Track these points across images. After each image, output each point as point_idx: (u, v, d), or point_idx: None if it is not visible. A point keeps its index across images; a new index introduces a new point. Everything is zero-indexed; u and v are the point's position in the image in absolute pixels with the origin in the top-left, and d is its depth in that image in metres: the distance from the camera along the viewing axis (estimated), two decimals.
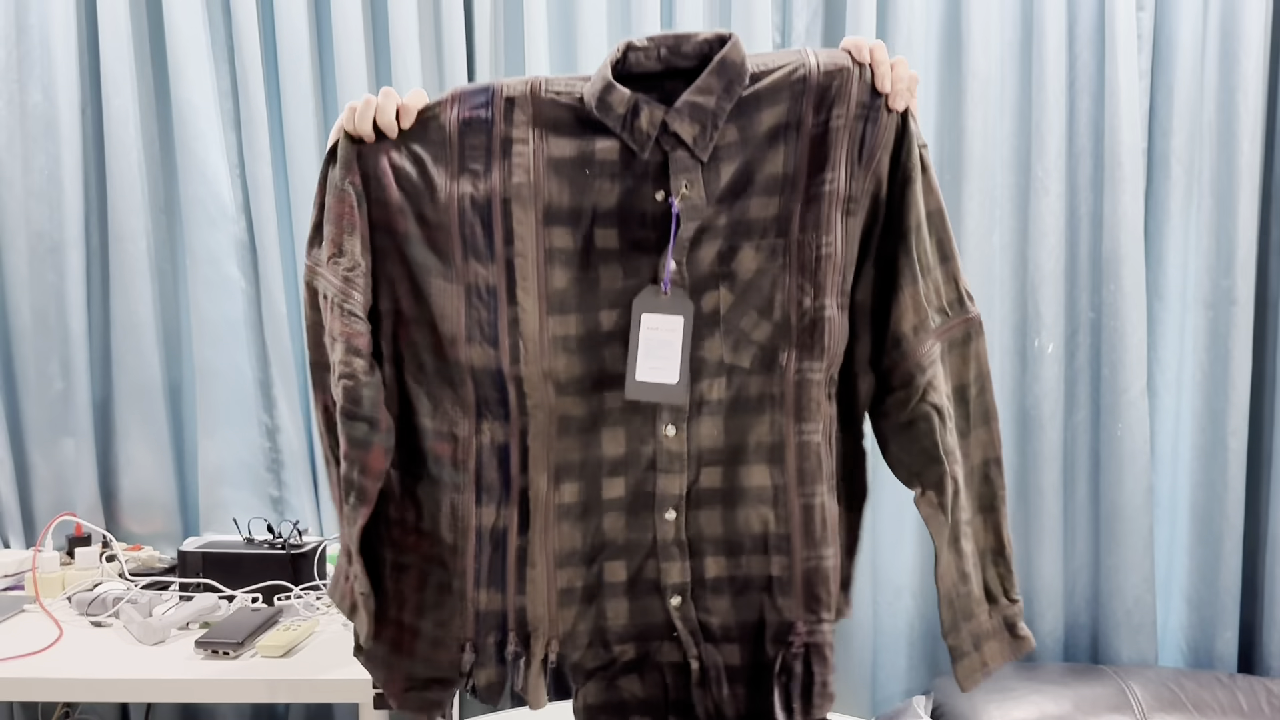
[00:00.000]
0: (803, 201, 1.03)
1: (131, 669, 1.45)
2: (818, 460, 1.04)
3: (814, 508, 1.04)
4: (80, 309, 1.99)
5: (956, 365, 1.10)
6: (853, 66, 1.01)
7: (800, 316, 1.03)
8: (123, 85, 1.95)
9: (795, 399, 1.04)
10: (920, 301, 1.05)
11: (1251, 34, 1.91)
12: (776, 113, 1.02)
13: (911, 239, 1.04)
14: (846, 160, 1.02)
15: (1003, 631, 1.13)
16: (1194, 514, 2.01)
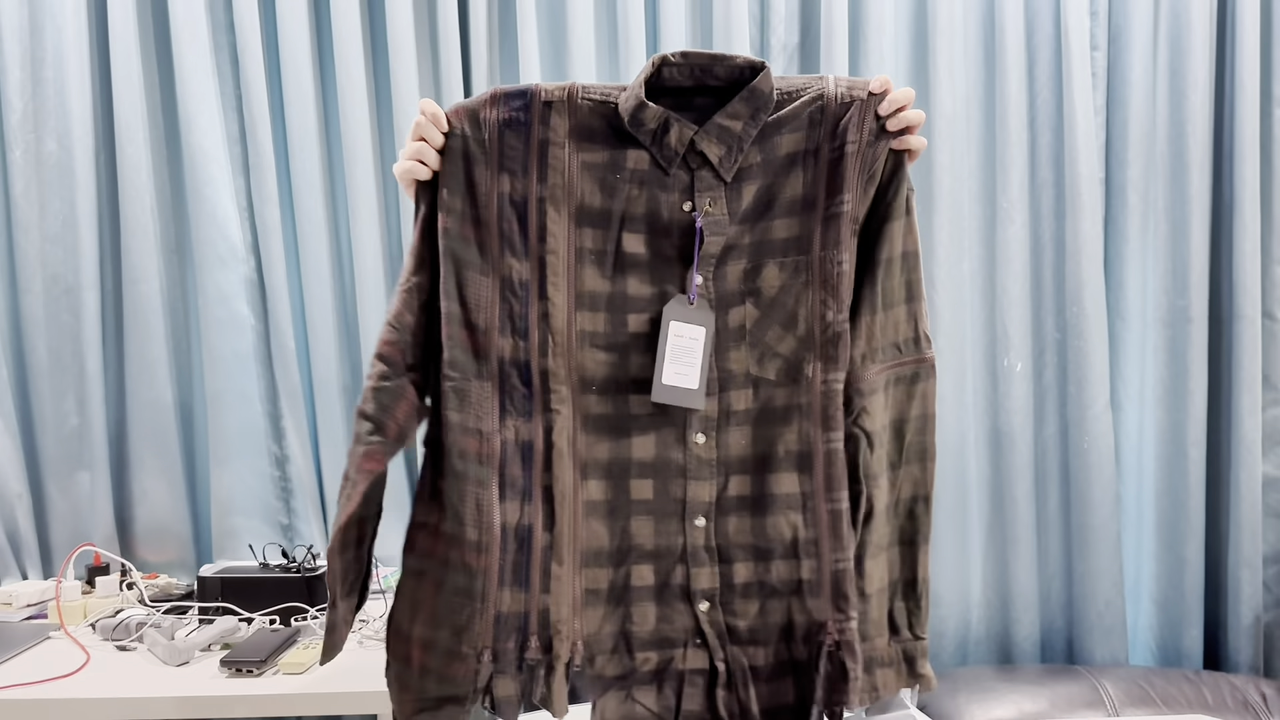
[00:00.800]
0: (822, 221, 1.08)
1: (160, 689, 1.51)
2: (842, 467, 1.08)
3: (840, 512, 1.08)
4: (95, 347, 2.07)
5: (900, 399, 1.12)
6: (868, 98, 1.07)
7: (824, 330, 1.08)
8: (135, 133, 2.03)
9: (822, 408, 1.08)
10: (874, 332, 1.09)
11: (1197, 72, 2.04)
12: (796, 139, 1.08)
13: (879, 272, 1.09)
14: (857, 183, 1.07)
15: (900, 663, 1.13)
16: (1159, 520, 2.12)
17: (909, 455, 1.14)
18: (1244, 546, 2.08)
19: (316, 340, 2.09)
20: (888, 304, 1.10)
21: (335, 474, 2.12)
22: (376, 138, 2.09)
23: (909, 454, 1.14)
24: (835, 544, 1.08)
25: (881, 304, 1.10)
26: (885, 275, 1.09)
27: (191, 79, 2.03)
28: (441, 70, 2.06)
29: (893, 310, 1.10)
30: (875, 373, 1.10)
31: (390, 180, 2.11)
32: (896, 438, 1.13)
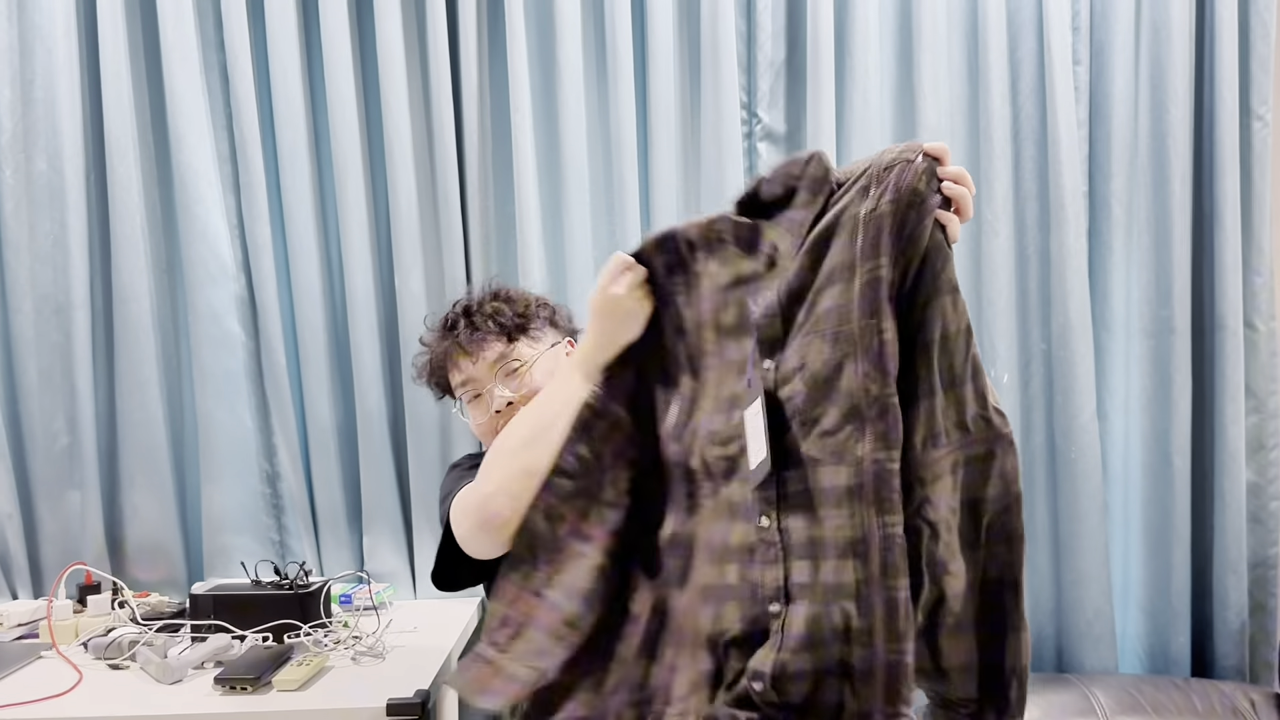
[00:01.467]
0: (860, 287, 1.02)
1: (154, 706, 1.51)
2: (901, 552, 0.99)
3: (897, 601, 0.99)
4: (86, 366, 2.07)
5: (973, 480, 1.04)
6: (915, 158, 1.00)
7: (870, 404, 1.01)
8: (126, 152, 2.04)
9: (875, 490, 1.00)
10: (935, 415, 1.02)
11: (1177, 85, 2.08)
12: (844, 204, 1.05)
13: (934, 351, 1.01)
14: (891, 246, 1.00)
15: None
16: (1145, 528, 2.14)
17: (991, 536, 1.05)
18: (1229, 552, 2.10)
19: (307, 357, 2.10)
20: (948, 384, 1.02)
21: (326, 490, 2.12)
22: (366, 155, 2.10)
23: (991, 534, 1.05)
24: (889, 634, 0.99)
25: (941, 384, 1.02)
26: (941, 354, 1.02)
27: (182, 98, 2.04)
28: (431, 87, 2.07)
29: (955, 390, 1.02)
30: (939, 458, 1.03)
31: (380, 197, 2.12)
32: (972, 518, 1.05)
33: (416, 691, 1.50)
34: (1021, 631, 1.05)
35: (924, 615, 1.07)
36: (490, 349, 1.50)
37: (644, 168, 2.12)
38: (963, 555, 1.05)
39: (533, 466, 1.22)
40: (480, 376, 1.51)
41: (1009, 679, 1.05)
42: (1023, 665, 1.05)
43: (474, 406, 1.53)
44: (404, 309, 2.08)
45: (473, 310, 1.53)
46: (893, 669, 0.99)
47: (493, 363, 1.50)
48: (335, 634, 1.78)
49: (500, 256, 2.13)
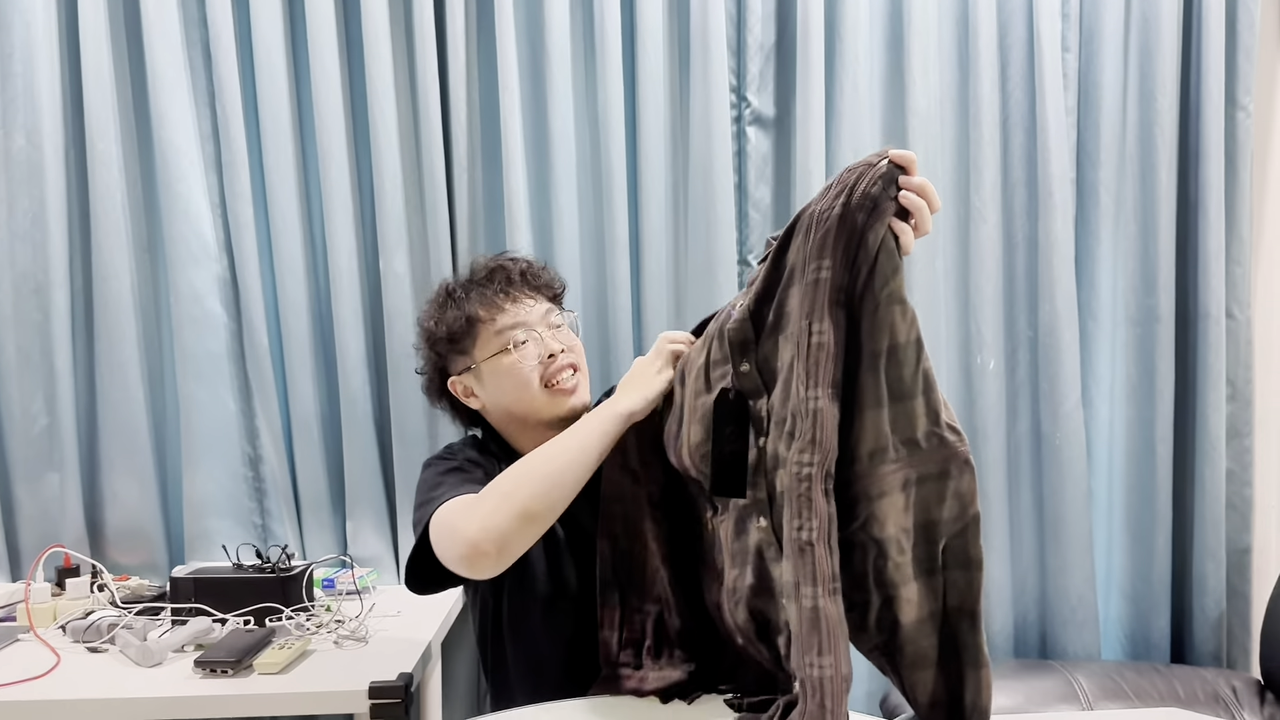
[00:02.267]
0: (804, 286, 1.00)
1: (133, 690, 1.49)
2: (816, 563, 0.95)
3: (803, 610, 0.95)
4: (65, 346, 2.04)
5: (927, 500, 1.00)
6: (879, 162, 0.97)
7: (799, 405, 0.98)
8: (106, 129, 2.01)
9: (794, 493, 0.97)
10: (882, 428, 0.98)
11: (1165, 75, 2.08)
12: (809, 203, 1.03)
13: (882, 362, 0.97)
14: (844, 249, 0.97)
15: None
16: (1128, 514, 2.16)
17: (949, 561, 1.01)
18: (1208, 539, 2.12)
19: (290, 339, 2.08)
20: (896, 396, 0.97)
21: (309, 473, 2.10)
22: (351, 134, 2.08)
23: (948, 559, 1.01)
24: (802, 645, 0.94)
25: (889, 396, 0.97)
26: (889, 365, 0.97)
27: (163, 74, 2.01)
28: (417, 66, 2.05)
29: (904, 403, 0.97)
30: (887, 473, 0.98)
31: (365, 177, 2.10)
32: (928, 542, 1.01)
33: (400, 675, 1.49)
34: (981, 669, 1.00)
35: (877, 633, 1.05)
36: (539, 298, 1.55)
37: (632, 150, 2.11)
38: (921, 583, 1.01)
39: (534, 511, 1.23)
40: (533, 322, 1.51)
41: (969, 717, 1.00)
42: (983, 705, 1.00)
43: (520, 352, 1.48)
44: (388, 290, 2.07)
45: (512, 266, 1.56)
46: (808, 684, 0.94)
47: (544, 313, 1.53)
48: (317, 618, 1.76)
49: (487, 238, 2.12)
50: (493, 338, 1.50)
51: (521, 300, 1.52)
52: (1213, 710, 1.89)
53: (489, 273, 1.55)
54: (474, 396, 1.56)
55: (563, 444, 1.30)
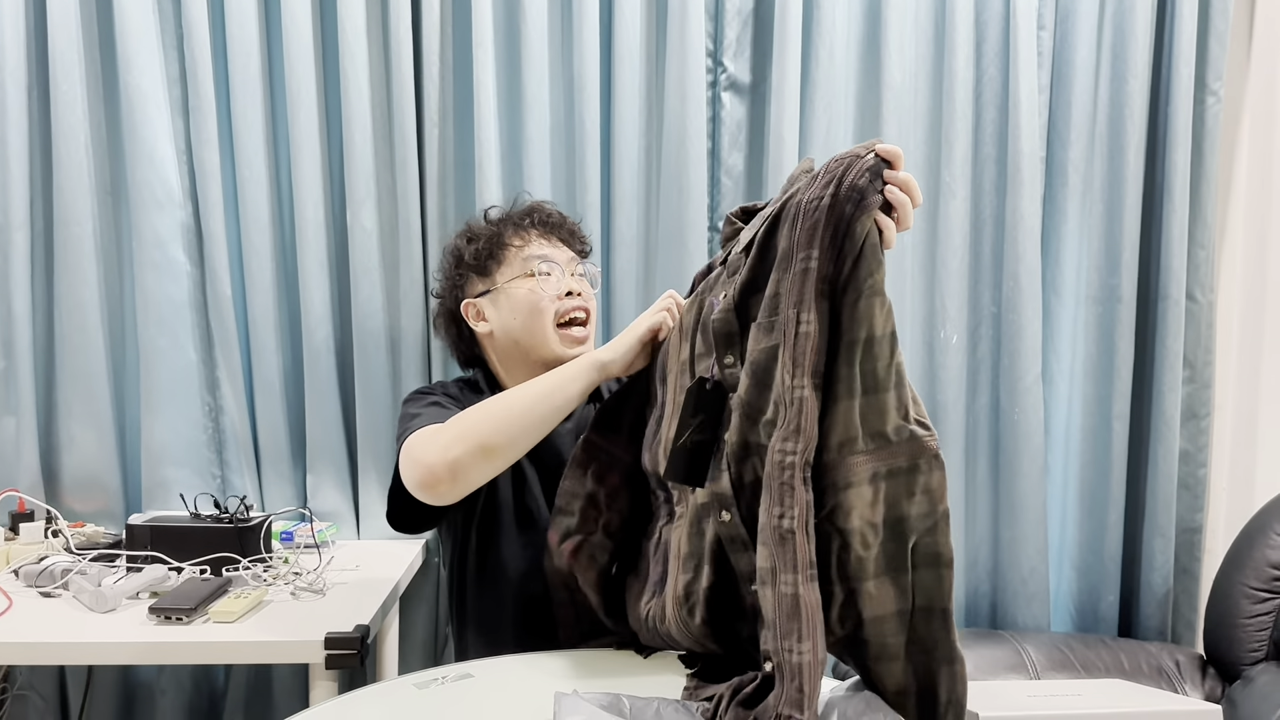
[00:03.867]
0: (790, 277, 1.01)
1: (86, 634, 1.49)
2: (798, 550, 0.95)
3: (783, 596, 0.95)
4: (24, 290, 2.00)
5: (896, 495, 0.99)
6: (866, 154, 0.98)
7: (783, 394, 0.99)
8: (70, 70, 1.97)
9: (775, 480, 0.98)
10: (852, 419, 0.98)
11: (1138, 56, 2.09)
12: (794, 191, 1.05)
13: (857, 352, 0.97)
14: (831, 240, 0.98)
15: None
16: (1082, 490, 2.19)
17: (918, 560, 1.00)
18: (1159, 517, 2.16)
19: (254, 289, 2.05)
20: (870, 388, 0.98)
21: (270, 426, 2.09)
22: (321, 81, 2.05)
23: (917, 559, 1.00)
24: (780, 630, 0.95)
25: (862, 388, 0.98)
26: (864, 356, 0.98)
27: (130, 15, 1.96)
28: (390, 17, 2.02)
29: (876, 395, 0.98)
30: (855, 464, 0.99)
31: (334, 127, 2.07)
32: (897, 539, 1.00)
33: (356, 626, 1.49)
34: (955, 664, 1.00)
35: (840, 627, 1.04)
36: (571, 245, 1.65)
37: (606, 111, 2.10)
38: (889, 580, 1.01)
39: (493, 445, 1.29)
40: (561, 261, 1.59)
41: (944, 712, 1.01)
42: (959, 698, 1.00)
43: (542, 280, 1.57)
44: (355, 244, 2.05)
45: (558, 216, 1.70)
46: (786, 668, 0.94)
47: (569, 259, 1.62)
48: (275, 569, 1.76)
49: (457, 195, 2.10)
50: (519, 262, 1.58)
51: (553, 239, 1.62)
52: (1156, 682, 1.93)
53: (528, 210, 1.66)
54: (484, 320, 1.61)
55: (535, 385, 1.35)
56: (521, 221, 1.63)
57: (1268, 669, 1.86)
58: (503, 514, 1.52)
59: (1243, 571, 1.93)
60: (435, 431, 1.32)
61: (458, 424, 1.31)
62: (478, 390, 1.62)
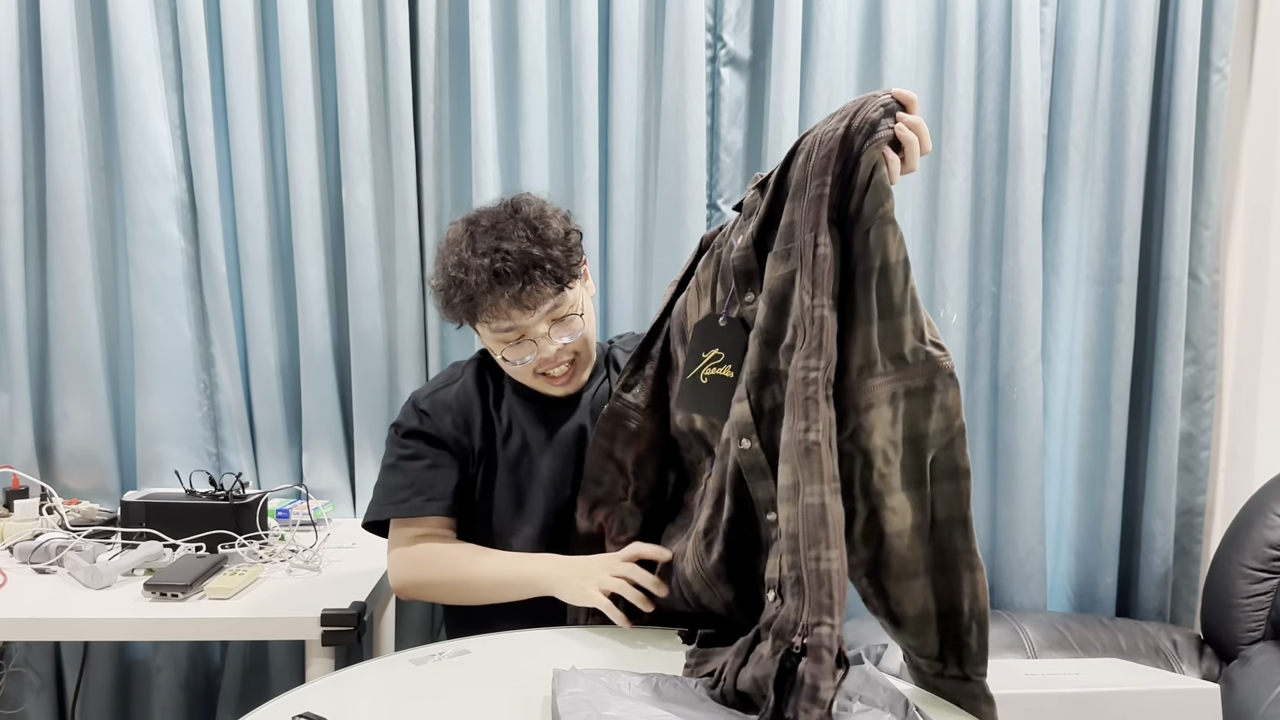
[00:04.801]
0: (806, 202, 1.04)
1: (81, 610, 1.49)
2: (821, 462, 0.98)
3: (811, 507, 0.98)
4: (17, 265, 1.99)
5: (914, 414, 1.03)
6: (882, 94, 1.02)
7: (804, 315, 1.02)
8: (63, 43, 1.95)
9: (796, 396, 1.01)
10: (871, 343, 1.01)
11: (1141, 33, 2.07)
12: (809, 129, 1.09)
13: (874, 279, 1.01)
14: (842, 169, 1.01)
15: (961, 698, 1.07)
16: (1081, 471, 2.18)
17: (937, 474, 1.05)
18: (1158, 498, 2.15)
19: (249, 266, 2.04)
20: (886, 312, 1.01)
21: (265, 404, 2.08)
22: (316, 57, 2.03)
23: (936, 472, 1.05)
24: (809, 540, 0.97)
25: (878, 313, 1.01)
26: (880, 283, 1.01)
27: None
28: None
29: (892, 319, 1.01)
30: (876, 386, 1.02)
31: (329, 103, 2.05)
32: (916, 454, 1.04)
33: (352, 603, 1.49)
34: (976, 571, 1.04)
35: (863, 547, 1.07)
36: (545, 301, 1.42)
37: (604, 86, 2.07)
38: (908, 496, 1.05)
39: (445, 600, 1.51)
40: (530, 325, 1.43)
41: (969, 625, 1.05)
42: (981, 608, 1.04)
43: (515, 347, 1.46)
44: (350, 221, 2.03)
45: (525, 259, 1.40)
46: (812, 577, 0.96)
47: (546, 313, 1.44)
48: (270, 546, 1.76)
49: (453, 171, 2.08)
50: (490, 334, 1.47)
51: (531, 305, 1.42)
52: (1153, 662, 1.93)
53: (494, 273, 1.39)
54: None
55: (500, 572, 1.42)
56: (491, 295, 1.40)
57: (1265, 649, 1.86)
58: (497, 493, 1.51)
59: (1241, 552, 1.93)
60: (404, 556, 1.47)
61: (422, 568, 1.45)
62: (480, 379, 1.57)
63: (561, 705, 0.96)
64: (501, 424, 1.52)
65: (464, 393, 1.53)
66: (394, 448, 1.51)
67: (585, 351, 1.51)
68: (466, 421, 1.51)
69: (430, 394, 1.54)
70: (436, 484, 1.47)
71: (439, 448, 1.49)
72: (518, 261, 1.39)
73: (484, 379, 1.56)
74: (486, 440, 1.51)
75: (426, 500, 1.46)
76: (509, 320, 1.42)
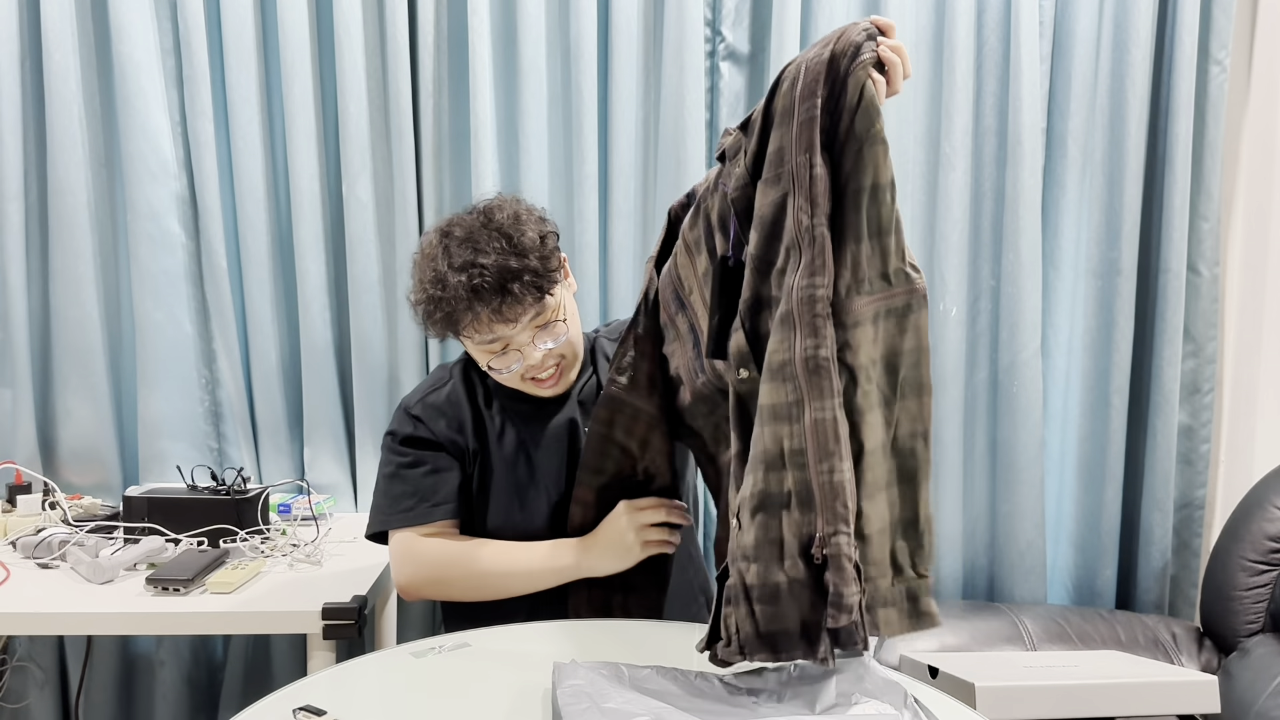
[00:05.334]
0: (798, 126, 1.05)
1: (83, 604, 1.49)
2: (827, 377, 1.02)
3: (824, 421, 1.01)
4: (19, 262, 2.00)
5: (890, 333, 1.07)
6: (863, 21, 1.04)
7: (801, 235, 1.04)
8: (64, 40, 1.95)
9: (800, 314, 1.03)
10: (860, 262, 1.04)
11: (1140, 26, 2.07)
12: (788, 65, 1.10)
13: (864, 199, 1.03)
14: (830, 92, 1.02)
15: (903, 602, 1.10)
16: (1080, 464, 2.18)
17: (904, 390, 1.09)
18: (1157, 492, 2.15)
19: (250, 262, 2.05)
20: (875, 232, 1.04)
21: (267, 399, 2.09)
22: (316, 53, 2.03)
23: (904, 389, 1.09)
24: (820, 454, 1.01)
25: (867, 232, 1.04)
26: (870, 202, 1.03)
27: None
28: None
29: (879, 239, 1.04)
30: (862, 305, 1.05)
31: (329, 98, 2.06)
32: (890, 373, 1.08)
33: (354, 597, 1.50)
34: (928, 480, 1.11)
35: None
36: (526, 312, 1.41)
37: (604, 81, 2.08)
38: (883, 411, 1.09)
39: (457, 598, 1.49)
40: (513, 335, 1.42)
41: (924, 528, 1.10)
42: (929, 513, 1.10)
43: (501, 357, 1.45)
44: (351, 217, 2.04)
45: (503, 271, 1.37)
46: (825, 489, 1.01)
47: (528, 322, 1.42)
48: (272, 541, 1.76)
49: (453, 167, 2.09)
50: (474, 346, 1.46)
51: (512, 317, 1.40)
52: (1152, 654, 1.94)
53: (472, 289, 1.36)
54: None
55: (520, 562, 1.43)
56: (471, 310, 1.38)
57: (1264, 641, 1.86)
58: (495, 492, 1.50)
59: (1240, 544, 1.93)
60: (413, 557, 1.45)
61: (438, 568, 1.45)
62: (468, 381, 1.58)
63: (562, 698, 0.96)
64: (495, 423, 1.51)
65: (454, 394, 1.52)
66: (392, 456, 1.50)
67: (571, 353, 1.49)
68: (460, 423, 1.50)
69: (421, 399, 1.53)
70: (440, 489, 1.46)
71: (437, 451, 1.48)
72: (495, 276, 1.36)
73: (472, 380, 1.55)
74: (480, 440, 1.51)
75: (432, 506, 1.45)
76: (492, 333, 1.41)
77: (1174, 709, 1.51)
